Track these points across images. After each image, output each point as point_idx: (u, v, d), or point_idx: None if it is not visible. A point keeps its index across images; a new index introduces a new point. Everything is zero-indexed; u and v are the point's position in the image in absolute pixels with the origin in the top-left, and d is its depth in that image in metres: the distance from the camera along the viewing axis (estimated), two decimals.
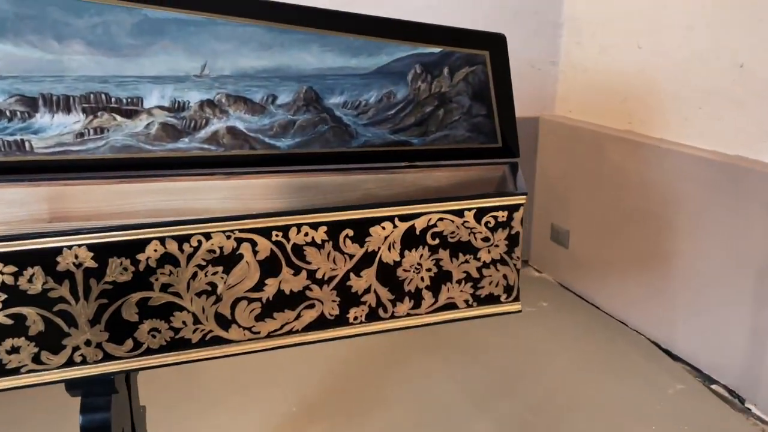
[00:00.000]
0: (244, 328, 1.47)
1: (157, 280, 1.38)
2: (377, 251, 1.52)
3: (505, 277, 1.63)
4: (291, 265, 1.47)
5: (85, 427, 1.42)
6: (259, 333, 1.48)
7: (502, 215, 1.58)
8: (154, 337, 1.42)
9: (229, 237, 1.41)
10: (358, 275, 1.52)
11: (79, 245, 1.32)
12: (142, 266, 1.37)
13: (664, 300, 2.94)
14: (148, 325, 1.41)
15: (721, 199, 2.61)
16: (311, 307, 1.51)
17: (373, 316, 1.56)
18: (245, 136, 1.73)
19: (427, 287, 1.58)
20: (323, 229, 1.47)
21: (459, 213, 1.55)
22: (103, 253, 1.34)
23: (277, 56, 1.64)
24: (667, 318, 2.94)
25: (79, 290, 1.34)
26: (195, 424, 2.41)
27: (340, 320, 1.54)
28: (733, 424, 2.44)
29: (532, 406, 2.54)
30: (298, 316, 1.50)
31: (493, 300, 1.64)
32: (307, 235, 1.46)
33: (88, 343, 1.38)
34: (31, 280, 1.31)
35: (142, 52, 1.58)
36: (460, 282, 1.60)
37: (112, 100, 1.62)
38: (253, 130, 1.73)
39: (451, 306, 1.62)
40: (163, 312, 1.41)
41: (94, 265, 1.34)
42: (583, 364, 2.85)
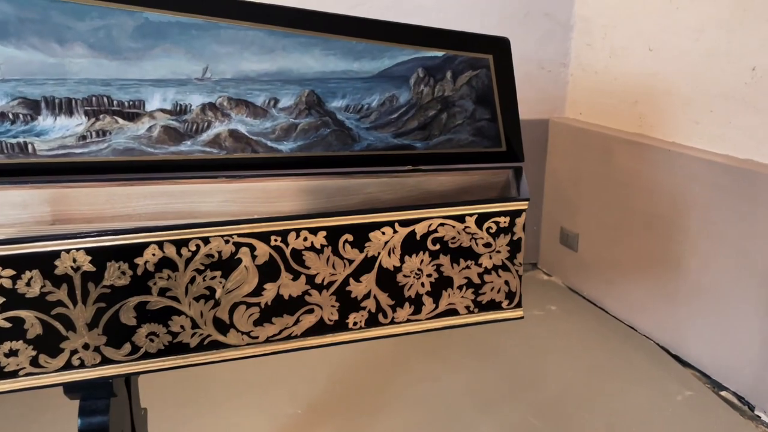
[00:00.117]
0: (243, 333, 1.46)
1: (155, 284, 1.38)
2: (377, 256, 1.51)
3: (506, 283, 1.62)
4: (290, 270, 1.46)
5: (83, 430, 1.43)
6: (257, 338, 1.48)
7: (504, 221, 1.57)
8: (152, 341, 1.42)
9: (227, 241, 1.41)
10: (357, 280, 1.51)
11: (77, 249, 1.32)
12: (140, 270, 1.37)
13: (674, 305, 2.91)
14: (146, 329, 1.40)
15: (732, 204, 2.58)
16: (310, 312, 1.50)
17: (372, 322, 1.55)
18: (247, 140, 1.72)
19: (428, 293, 1.57)
20: (322, 234, 1.46)
21: (460, 218, 1.54)
22: (102, 257, 1.34)
23: (279, 60, 1.64)
24: (677, 323, 2.91)
25: (77, 294, 1.34)
26: (199, 426, 2.41)
27: (340, 325, 1.53)
28: None
29: (538, 411, 2.52)
30: (297, 321, 1.50)
31: (494, 306, 1.63)
32: (306, 240, 1.45)
33: (86, 347, 1.38)
34: (29, 284, 1.31)
35: (143, 55, 1.58)
36: (461, 288, 1.59)
37: (114, 102, 1.63)
38: (255, 134, 1.72)
39: (452, 312, 1.60)
40: (162, 316, 1.40)
41: (92, 268, 1.34)
42: (591, 369, 2.83)
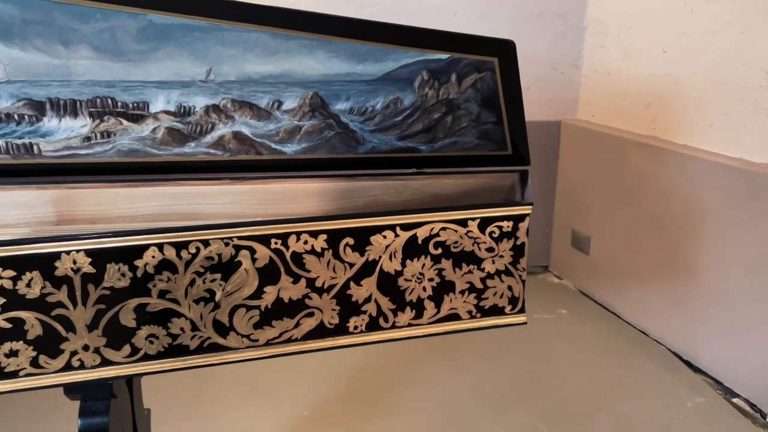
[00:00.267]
0: (243, 336, 1.46)
1: (155, 286, 1.38)
2: (378, 260, 1.50)
3: (510, 288, 1.60)
4: (290, 273, 1.45)
5: (84, 431, 1.43)
6: (257, 341, 1.47)
7: (507, 225, 1.55)
8: (151, 343, 1.42)
9: (227, 244, 1.40)
10: (358, 284, 1.50)
11: (78, 251, 1.33)
12: (140, 272, 1.37)
13: (686, 310, 2.87)
14: (145, 331, 1.41)
15: (745, 208, 2.54)
16: (310, 315, 1.49)
17: (373, 326, 1.54)
18: (251, 142, 1.72)
19: (430, 297, 1.56)
20: (323, 237, 1.45)
21: (462, 222, 1.53)
22: (101, 258, 1.34)
23: (282, 62, 1.63)
24: (689, 329, 2.87)
25: (77, 295, 1.35)
26: (204, 427, 2.42)
27: (340, 329, 1.52)
28: None
29: (546, 415, 2.50)
30: (297, 325, 1.49)
31: (497, 311, 1.61)
32: (306, 243, 1.45)
33: (86, 348, 1.38)
34: (29, 285, 1.32)
35: (147, 57, 1.58)
36: (463, 292, 1.58)
37: (119, 104, 1.63)
38: (259, 136, 1.72)
39: (453, 317, 1.59)
40: (161, 318, 1.41)
41: (92, 270, 1.34)
42: (601, 374, 2.80)
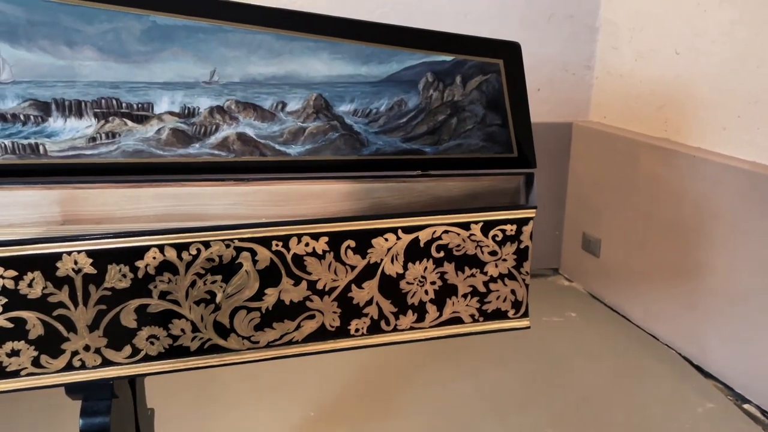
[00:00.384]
0: (243, 338, 1.46)
1: (155, 287, 1.39)
2: (380, 263, 1.49)
3: (513, 292, 1.59)
4: (291, 276, 1.45)
5: (85, 430, 1.44)
6: (258, 343, 1.47)
7: (511, 229, 1.54)
8: (152, 344, 1.42)
9: (228, 246, 1.40)
10: (359, 287, 1.50)
11: (79, 251, 1.33)
12: (140, 273, 1.37)
13: (697, 314, 2.84)
14: (146, 331, 1.41)
15: (758, 212, 2.51)
16: (311, 318, 1.49)
17: (375, 329, 1.54)
18: (255, 143, 1.72)
19: (432, 300, 1.55)
20: (324, 239, 1.45)
21: (465, 226, 1.52)
22: (103, 259, 1.35)
23: (286, 63, 1.63)
24: (700, 333, 2.84)
25: (78, 296, 1.35)
26: (209, 427, 2.42)
27: (341, 332, 1.52)
28: None
29: (554, 420, 2.48)
30: (298, 327, 1.49)
31: (500, 315, 1.60)
32: (307, 245, 1.44)
33: (87, 349, 1.39)
34: (31, 285, 1.33)
35: (151, 58, 1.58)
36: (465, 296, 1.57)
37: (123, 105, 1.64)
38: (263, 137, 1.72)
39: (456, 320, 1.58)
40: (162, 319, 1.41)
41: (93, 271, 1.35)
42: (610, 378, 2.78)
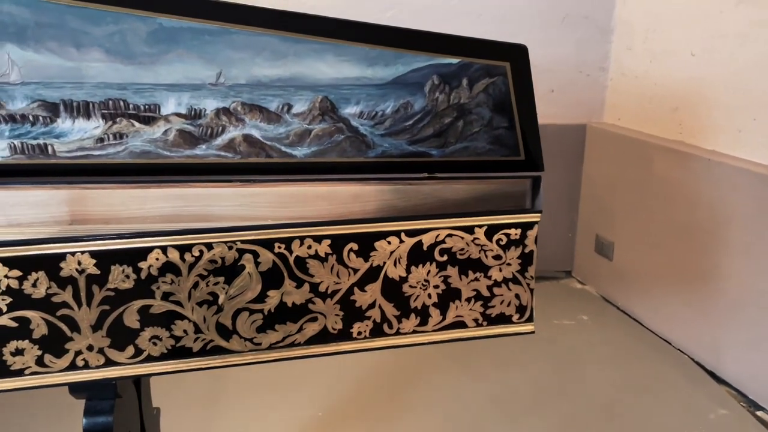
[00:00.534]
0: (246, 339, 1.46)
1: (158, 288, 1.39)
2: (382, 266, 1.49)
3: (517, 296, 1.58)
4: (293, 278, 1.45)
5: (88, 430, 1.45)
6: (260, 344, 1.47)
7: (515, 233, 1.53)
8: (155, 344, 1.43)
9: (231, 248, 1.41)
10: (362, 290, 1.49)
11: (82, 252, 1.34)
12: (143, 274, 1.38)
13: (712, 319, 2.81)
14: (149, 332, 1.42)
15: None
16: (314, 320, 1.49)
17: (377, 332, 1.53)
18: (261, 144, 1.72)
19: (435, 304, 1.55)
20: (327, 242, 1.45)
21: (469, 229, 1.51)
22: (106, 260, 1.36)
23: (291, 65, 1.63)
24: (714, 338, 2.81)
25: (81, 296, 1.36)
26: (217, 426, 2.43)
27: (344, 335, 1.52)
28: None
29: (563, 424, 2.46)
30: (300, 329, 1.49)
31: (504, 320, 1.59)
32: (310, 247, 1.44)
33: (90, 348, 1.40)
34: (35, 285, 1.34)
35: (158, 60, 1.59)
36: (469, 300, 1.56)
37: (130, 106, 1.65)
38: (269, 139, 1.72)
39: (459, 324, 1.57)
40: (165, 320, 1.42)
41: (96, 271, 1.36)
42: (621, 383, 2.75)
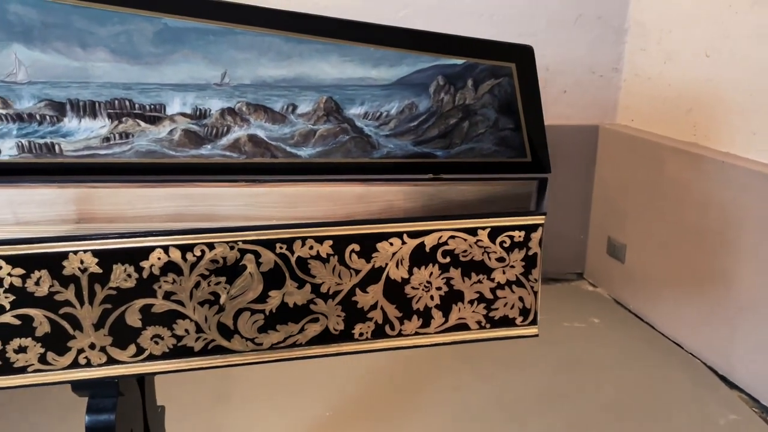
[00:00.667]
0: (247, 339, 1.47)
1: (160, 287, 1.40)
2: (384, 267, 1.48)
3: (521, 299, 1.57)
4: (295, 278, 1.45)
5: (90, 427, 1.46)
6: (261, 345, 1.48)
7: (519, 235, 1.52)
8: (156, 343, 1.43)
9: (232, 248, 1.41)
10: (364, 291, 1.49)
11: (84, 251, 1.35)
12: (145, 273, 1.39)
13: (724, 323, 2.77)
14: (151, 331, 1.42)
15: None
16: (315, 321, 1.49)
17: (379, 333, 1.53)
18: (266, 145, 1.73)
19: (437, 306, 1.54)
20: (328, 243, 1.45)
21: (472, 231, 1.50)
22: (108, 259, 1.36)
23: (296, 66, 1.63)
24: (726, 342, 2.77)
25: (84, 294, 1.37)
26: (223, 425, 2.44)
27: (345, 336, 1.51)
28: None
29: (572, 426, 2.44)
30: (301, 330, 1.49)
31: (507, 322, 1.58)
32: (311, 248, 1.44)
33: (93, 347, 1.41)
34: (38, 283, 1.35)
35: (163, 60, 1.60)
36: (472, 302, 1.55)
37: (136, 106, 1.66)
38: (274, 139, 1.72)
39: (462, 327, 1.56)
40: (166, 319, 1.42)
41: (98, 270, 1.36)
42: (631, 386, 2.73)
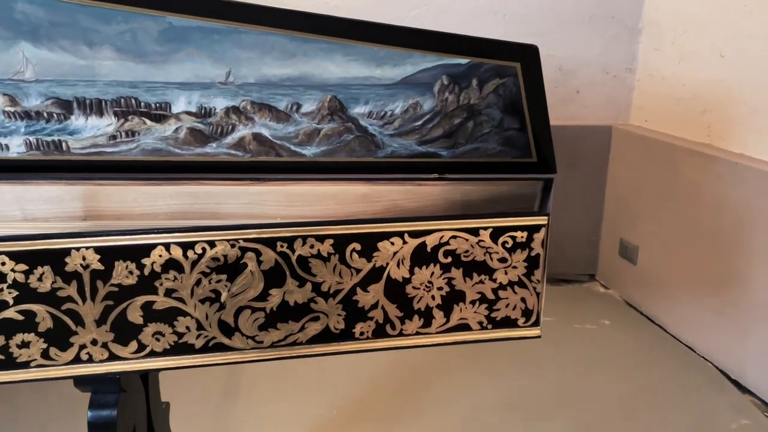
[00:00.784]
0: (248, 337, 1.47)
1: (161, 284, 1.41)
2: (385, 267, 1.48)
3: (523, 300, 1.56)
4: (296, 277, 1.45)
5: (92, 423, 1.47)
6: (262, 342, 1.48)
7: (521, 236, 1.51)
8: (158, 340, 1.44)
9: (233, 246, 1.42)
10: (365, 290, 1.49)
11: (87, 247, 1.37)
12: (147, 270, 1.40)
13: (737, 326, 2.74)
14: (152, 328, 1.43)
15: None
16: (316, 319, 1.49)
17: (380, 333, 1.53)
18: (271, 143, 1.73)
19: (438, 306, 1.53)
20: (329, 242, 1.45)
21: (474, 231, 1.49)
22: (110, 256, 1.38)
23: (300, 65, 1.63)
24: (738, 346, 2.74)
25: (86, 291, 1.38)
26: (229, 423, 2.45)
27: (346, 335, 1.51)
28: None
29: (581, 429, 2.42)
30: (302, 328, 1.49)
31: (509, 323, 1.57)
32: (312, 247, 1.44)
33: (95, 343, 1.42)
34: (41, 279, 1.36)
35: (168, 59, 1.61)
36: (473, 303, 1.54)
37: (142, 104, 1.67)
38: (279, 138, 1.73)
39: (463, 327, 1.56)
40: (168, 316, 1.43)
41: (100, 267, 1.38)
42: (642, 389, 2.70)
